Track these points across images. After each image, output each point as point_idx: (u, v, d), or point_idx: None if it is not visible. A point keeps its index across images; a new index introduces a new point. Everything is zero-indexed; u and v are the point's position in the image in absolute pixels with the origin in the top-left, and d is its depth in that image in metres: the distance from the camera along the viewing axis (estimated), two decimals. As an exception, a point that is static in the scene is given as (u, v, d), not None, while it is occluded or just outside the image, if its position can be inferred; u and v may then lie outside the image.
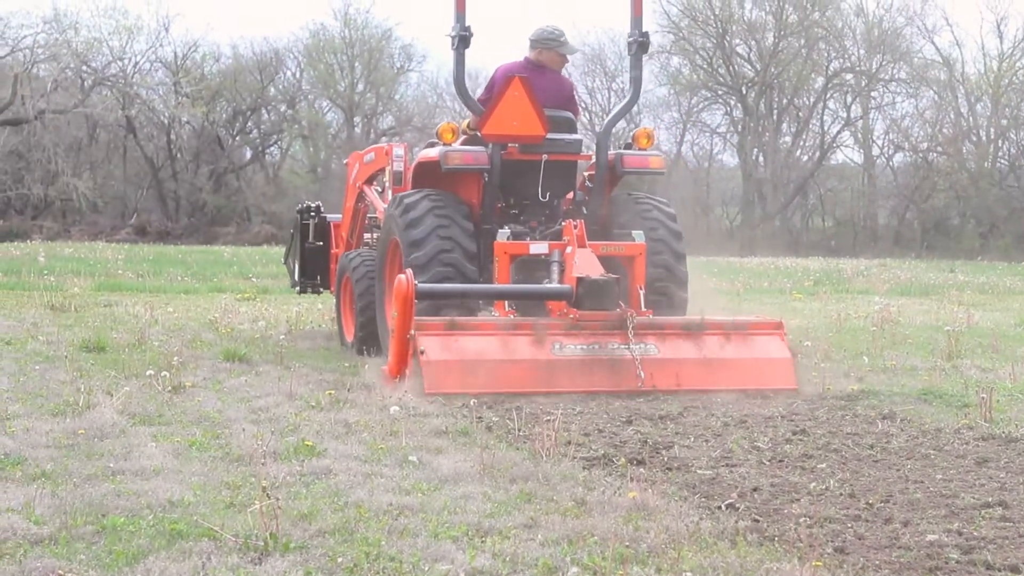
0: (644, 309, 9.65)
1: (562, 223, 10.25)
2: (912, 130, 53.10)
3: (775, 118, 54.01)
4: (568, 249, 9.83)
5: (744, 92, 53.44)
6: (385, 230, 10.92)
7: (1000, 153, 51.35)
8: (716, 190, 55.51)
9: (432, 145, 11.02)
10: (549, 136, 10.54)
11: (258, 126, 56.25)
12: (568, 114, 10.87)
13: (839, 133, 54.23)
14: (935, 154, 51.78)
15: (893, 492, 5.95)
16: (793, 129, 54.47)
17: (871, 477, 6.32)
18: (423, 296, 9.20)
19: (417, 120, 53.69)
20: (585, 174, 11.17)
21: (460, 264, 10.12)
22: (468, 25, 10.47)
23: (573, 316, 9.30)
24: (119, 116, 50.74)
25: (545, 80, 10.80)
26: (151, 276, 22.76)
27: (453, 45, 10.53)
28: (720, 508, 5.61)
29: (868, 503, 5.72)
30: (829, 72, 53.34)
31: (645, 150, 10.97)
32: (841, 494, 5.92)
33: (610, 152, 10.93)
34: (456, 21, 10.47)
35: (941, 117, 52.26)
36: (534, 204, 10.82)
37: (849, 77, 53.44)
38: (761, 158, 53.63)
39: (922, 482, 6.20)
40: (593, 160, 11.00)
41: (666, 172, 13.86)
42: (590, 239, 9.95)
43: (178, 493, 5.69)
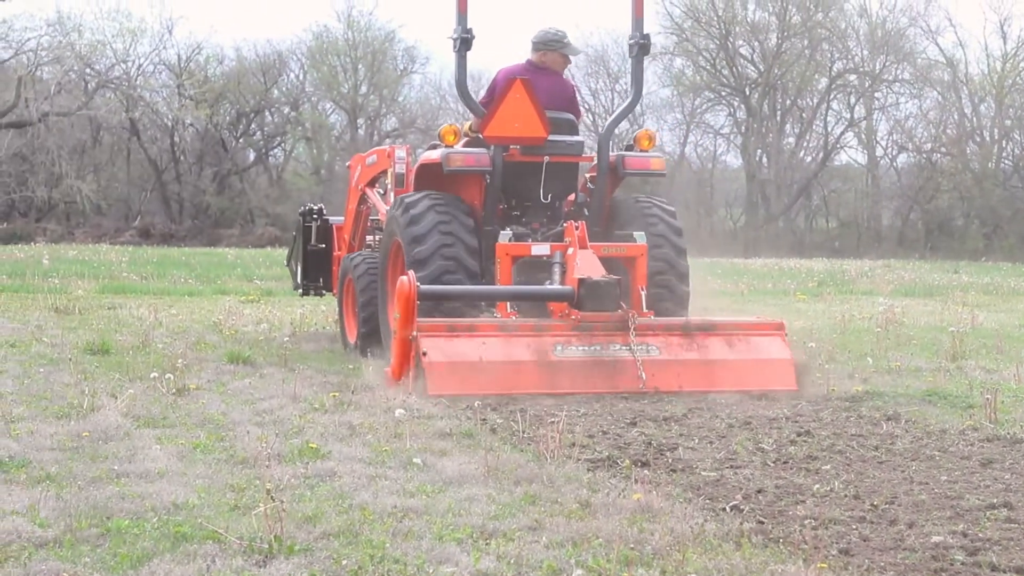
0: (645, 310, 9.66)
1: (564, 224, 10.28)
2: (916, 131, 53.13)
3: (779, 119, 54.01)
4: (569, 250, 9.85)
5: (747, 93, 53.43)
6: (387, 232, 10.93)
7: (1004, 153, 51.32)
8: (720, 191, 55.55)
9: (434, 147, 11.04)
10: (551, 138, 10.57)
11: (261, 128, 56.30)
12: (569, 116, 10.88)
13: (843, 134, 54.30)
14: (939, 155, 51.76)
15: (898, 493, 5.94)
16: (797, 130, 54.49)
17: (876, 478, 6.31)
18: (425, 297, 9.20)
19: (420, 122, 53.73)
20: (587, 175, 11.18)
21: (461, 257, 10.14)
22: (470, 27, 10.49)
23: (575, 317, 9.31)
24: (123, 119, 50.80)
25: (547, 82, 10.82)
26: (155, 278, 22.79)
27: (455, 47, 10.55)
28: (725, 510, 5.60)
29: (873, 504, 5.71)
30: (832, 73, 53.35)
31: (647, 152, 10.99)
32: (846, 495, 5.91)
33: (611, 154, 10.95)
34: (458, 23, 10.49)
35: (945, 118, 52.25)
36: (536, 206, 10.84)
37: (853, 78, 53.46)
38: (765, 159, 53.62)
39: (927, 483, 6.19)
40: (595, 162, 11.02)
41: (668, 173, 13.88)
42: (592, 240, 9.96)
43: (182, 496, 5.69)
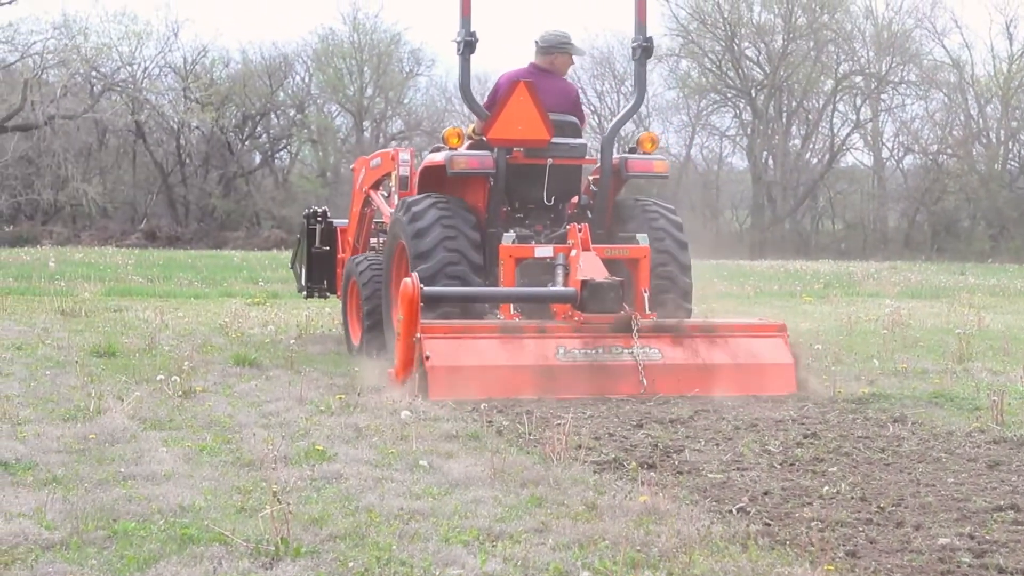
0: (648, 312, 9.67)
1: (567, 227, 10.29)
2: (922, 132, 53.04)
3: (784, 121, 53.95)
4: (573, 252, 9.88)
5: (753, 95, 53.40)
6: (391, 234, 10.95)
7: (1010, 155, 51.22)
8: (725, 193, 55.48)
9: (438, 149, 11.07)
10: (554, 140, 10.60)
11: (267, 131, 56.33)
12: (573, 118, 10.90)
13: (849, 136, 54.21)
14: (945, 156, 51.68)
15: (905, 496, 5.94)
16: (802, 132, 54.41)
17: (882, 480, 6.30)
18: (429, 299, 9.21)
19: (426, 124, 53.71)
20: (590, 178, 11.20)
21: (465, 250, 10.18)
22: (473, 31, 10.51)
23: (577, 319, 9.33)
24: (128, 121, 50.83)
25: (551, 85, 10.85)
26: (161, 281, 22.80)
27: (459, 50, 10.57)
28: (731, 512, 5.59)
29: (879, 507, 5.71)
30: (838, 75, 53.29)
31: (650, 154, 11.01)
32: (852, 498, 5.90)
33: (615, 156, 10.96)
34: (462, 27, 10.50)
35: (951, 119, 52.18)
36: (539, 208, 10.87)
37: (858, 79, 53.39)
38: (770, 161, 53.57)
39: (934, 485, 6.18)
40: (598, 164, 11.03)
41: (672, 176, 13.90)
42: (595, 243, 9.98)
43: (189, 498, 5.69)
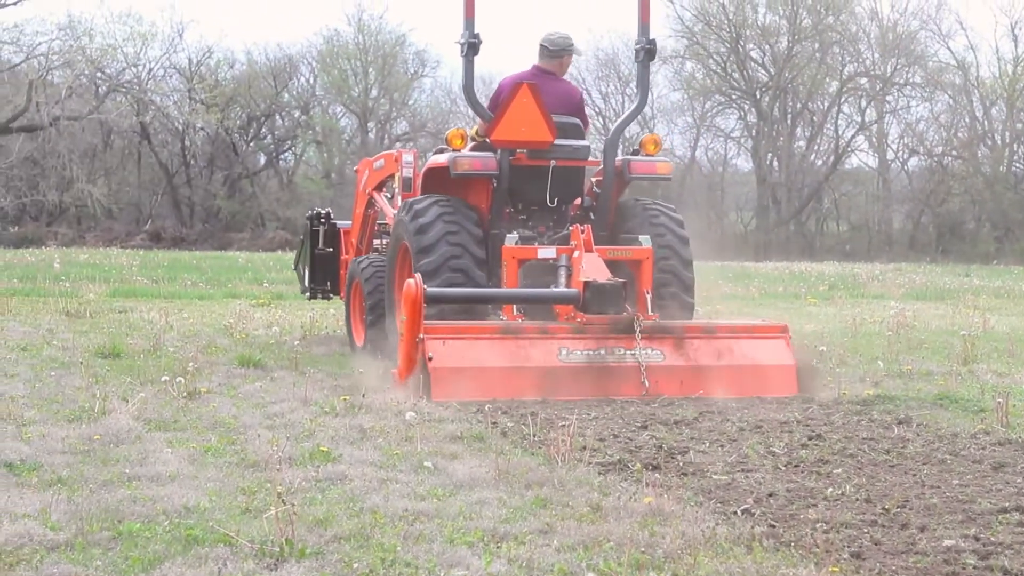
0: (651, 313, 9.69)
1: (569, 228, 10.31)
2: (927, 134, 53.07)
3: (789, 122, 53.97)
4: (575, 253, 9.89)
5: (758, 96, 53.40)
6: (394, 235, 10.97)
7: (1015, 157, 51.24)
8: (730, 195, 55.50)
9: (441, 151, 11.09)
10: (557, 142, 10.62)
11: (272, 132, 56.37)
12: (576, 120, 10.91)
13: (853, 137, 54.26)
14: (950, 158, 51.70)
15: (909, 497, 5.93)
16: (807, 133, 54.44)
17: (887, 482, 6.29)
18: (432, 300, 9.22)
19: (431, 125, 53.79)
20: (593, 179, 11.22)
21: (469, 254, 10.18)
22: (477, 32, 10.53)
23: (580, 320, 9.34)
24: (133, 122, 50.91)
25: (556, 87, 10.89)
26: (166, 282, 22.82)
27: (462, 52, 10.59)
28: (736, 513, 5.59)
29: (884, 508, 5.70)
30: (843, 76, 53.30)
31: (652, 156, 11.03)
32: (857, 499, 5.90)
33: (617, 158, 10.99)
34: (465, 28, 10.52)
35: (956, 121, 52.20)
36: (542, 209, 10.90)
37: (864, 81, 53.40)
38: (775, 162, 53.58)
39: (939, 487, 6.17)
40: (601, 166, 11.05)
41: (676, 177, 13.93)
42: (597, 244, 10.00)
43: (194, 499, 5.70)
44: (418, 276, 9.24)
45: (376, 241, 12.73)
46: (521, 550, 4.95)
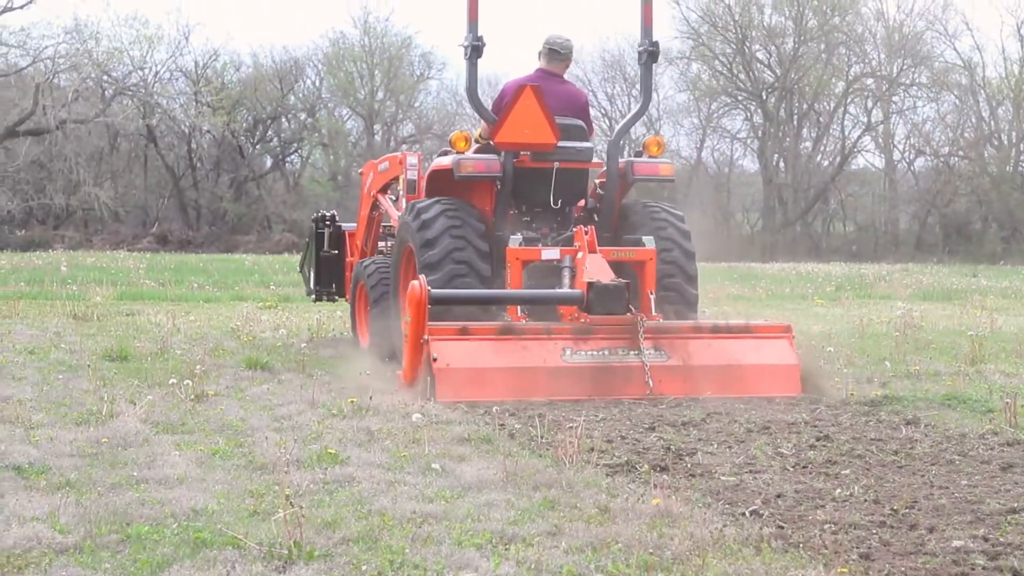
0: (654, 313, 9.71)
1: (573, 229, 10.32)
2: (933, 134, 53.00)
3: (795, 123, 53.93)
4: (579, 255, 9.92)
5: (764, 97, 53.38)
6: (399, 238, 10.99)
7: (1022, 157, 51.13)
8: (737, 196, 55.49)
9: (445, 153, 11.11)
10: (560, 144, 10.63)
11: (278, 134, 56.43)
12: (579, 122, 10.92)
13: (860, 138, 54.20)
14: (956, 158, 51.63)
15: (918, 498, 5.92)
16: (814, 134, 54.40)
17: (896, 483, 6.28)
18: (436, 302, 9.23)
19: (437, 128, 53.80)
20: (596, 181, 11.23)
21: (473, 261, 10.19)
22: (480, 35, 10.55)
23: (584, 321, 9.36)
24: (140, 125, 50.99)
25: (562, 89, 10.92)
26: (173, 285, 22.85)
27: (466, 55, 10.61)
28: (744, 515, 5.58)
29: (893, 509, 5.69)
30: (849, 77, 53.26)
31: (656, 157, 11.04)
32: (866, 500, 5.89)
33: (620, 160, 11.00)
34: (469, 31, 10.54)
35: (962, 121, 52.14)
36: (546, 211, 10.92)
37: (870, 82, 53.35)
38: (782, 163, 53.55)
39: (947, 488, 6.17)
40: (604, 167, 11.06)
41: (682, 179, 13.95)
42: (601, 245, 10.01)
43: (202, 501, 5.70)
44: (422, 277, 9.25)
45: (381, 243, 12.75)
46: (529, 552, 4.95)
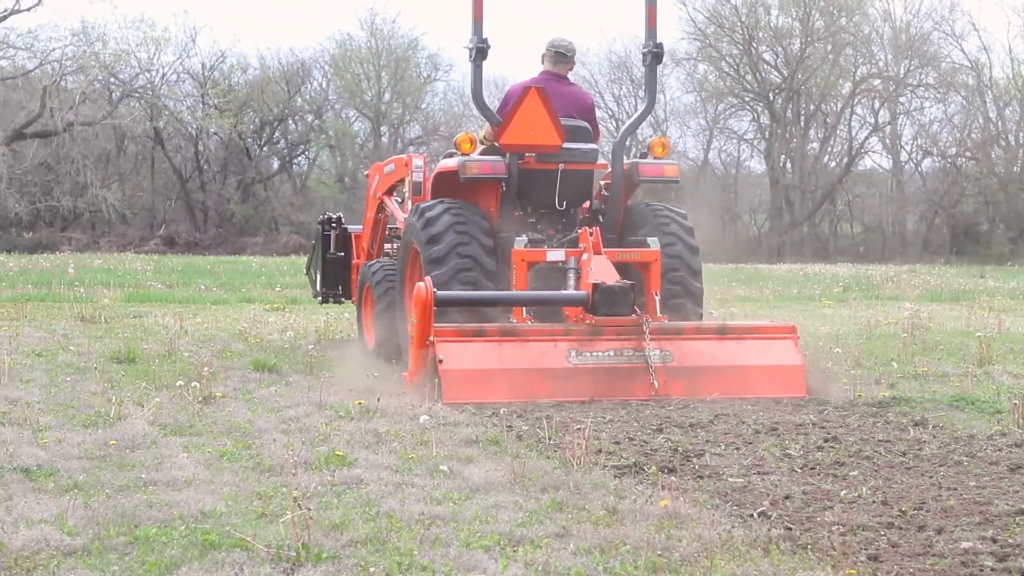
0: (660, 314, 9.71)
1: (578, 231, 10.32)
2: (940, 135, 52.93)
3: (802, 124, 53.89)
4: (584, 256, 9.92)
5: (771, 98, 53.33)
6: (405, 240, 11.00)
7: (1029, 157, 51.09)
8: (744, 197, 55.42)
9: (451, 155, 11.11)
10: (565, 145, 10.64)
11: (285, 136, 56.48)
12: (584, 123, 10.92)
13: (867, 139, 54.16)
14: (964, 159, 51.57)
15: (926, 499, 5.91)
16: (821, 135, 54.36)
17: (904, 484, 6.28)
18: (442, 304, 9.23)
19: (444, 129, 53.80)
20: (601, 183, 11.23)
21: (478, 239, 10.21)
22: (485, 37, 10.56)
23: (589, 322, 9.36)
24: (147, 128, 51.07)
25: (566, 91, 10.93)
26: (180, 287, 22.87)
27: (471, 57, 10.63)
28: (752, 516, 5.58)
29: (901, 510, 5.69)
30: (856, 78, 53.21)
31: (660, 159, 11.04)
32: (874, 501, 5.89)
33: (625, 161, 10.99)
34: (474, 33, 10.55)
35: (969, 122, 52.07)
36: (551, 212, 10.93)
37: (877, 83, 53.29)
38: (789, 164, 53.51)
39: (955, 489, 6.16)
40: (609, 169, 11.06)
41: (688, 180, 13.94)
42: (606, 247, 10.02)
43: (210, 503, 5.70)
44: (428, 279, 9.25)
45: (387, 245, 12.76)
46: (537, 554, 4.95)
